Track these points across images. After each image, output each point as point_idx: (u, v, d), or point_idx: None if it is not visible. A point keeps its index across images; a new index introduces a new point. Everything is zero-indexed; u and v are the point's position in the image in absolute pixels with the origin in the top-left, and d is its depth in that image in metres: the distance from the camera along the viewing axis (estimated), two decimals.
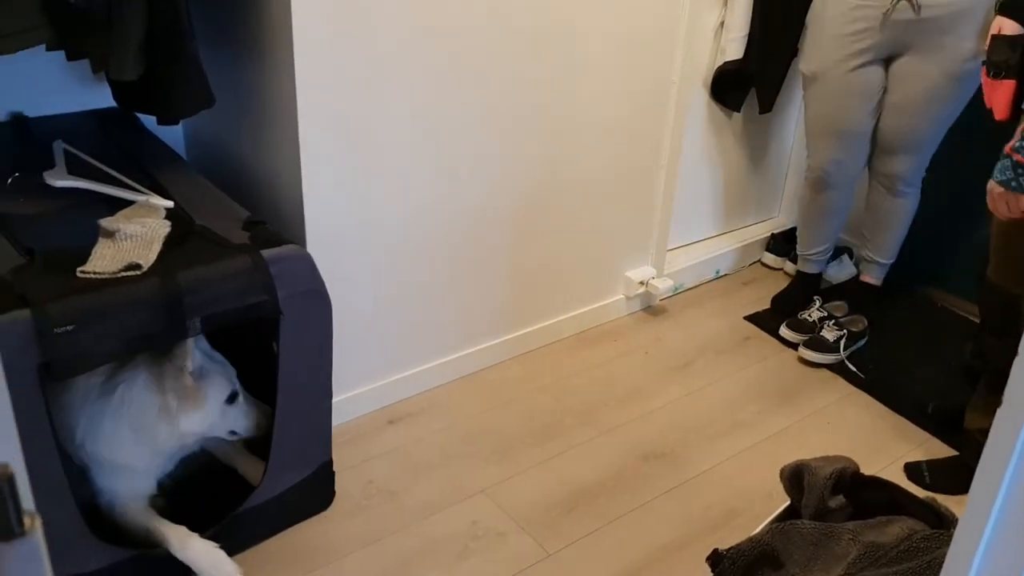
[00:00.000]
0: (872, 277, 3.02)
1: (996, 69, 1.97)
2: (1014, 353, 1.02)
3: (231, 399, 1.86)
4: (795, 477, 1.81)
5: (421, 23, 2.09)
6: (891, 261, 2.96)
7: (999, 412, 1.06)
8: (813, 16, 2.66)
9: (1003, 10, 2.16)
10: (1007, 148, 1.80)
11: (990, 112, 2.11)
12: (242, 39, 2.12)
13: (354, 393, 2.34)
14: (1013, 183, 1.80)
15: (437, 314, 2.47)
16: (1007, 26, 2.18)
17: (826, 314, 2.89)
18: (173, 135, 2.34)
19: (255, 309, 1.77)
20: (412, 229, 2.30)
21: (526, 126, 2.42)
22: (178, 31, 1.83)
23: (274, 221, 2.00)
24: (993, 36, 2.03)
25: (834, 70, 2.63)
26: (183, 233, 1.80)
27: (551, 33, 2.35)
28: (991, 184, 1.84)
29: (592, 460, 2.32)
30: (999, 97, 1.98)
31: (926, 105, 2.56)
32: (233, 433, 1.91)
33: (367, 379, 2.38)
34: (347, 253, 2.18)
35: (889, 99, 2.62)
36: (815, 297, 2.98)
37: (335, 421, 2.09)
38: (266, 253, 1.77)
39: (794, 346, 2.85)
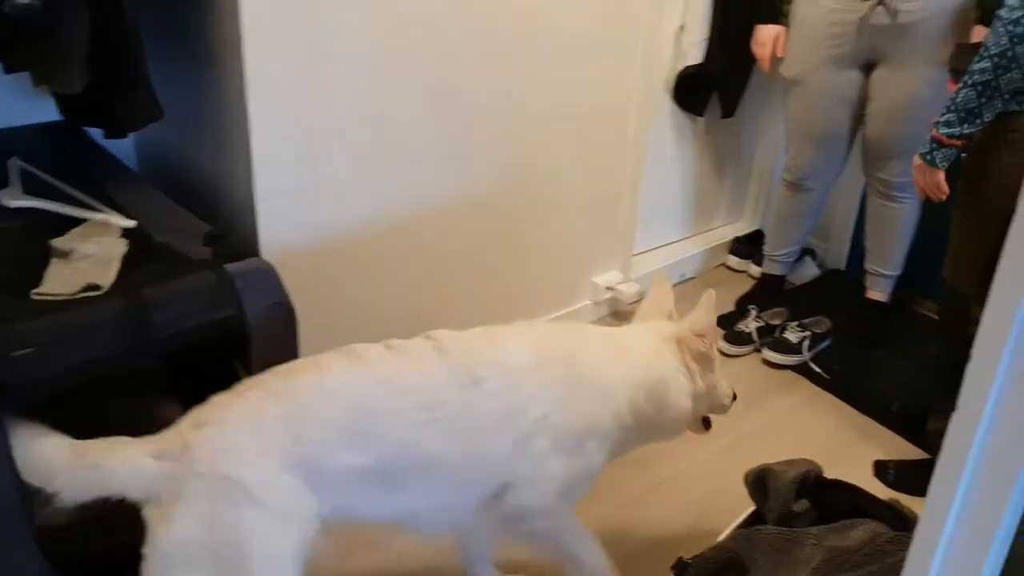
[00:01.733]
0: (879, 292, 2.94)
1: (957, 75, 2.00)
2: (959, 352, 1.03)
3: None
4: (759, 482, 1.81)
5: (375, 31, 2.08)
6: (897, 273, 2.91)
7: (953, 417, 1.06)
8: (793, 21, 2.68)
9: (983, 20, 2.18)
10: (931, 123, 1.88)
11: None
12: (191, 47, 2.09)
13: None
14: (927, 156, 1.92)
15: (398, 325, 2.44)
16: (981, 35, 2.22)
17: (763, 323, 2.90)
18: (123, 147, 2.30)
19: (223, 325, 1.74)
20: (369, 237, 2.28)
21: (488, 130, 2.41)
22: (125, 41, 1.79)
23: (227, 232, 1.97)
24: (958, 45, 2.06)
25: (813, 74, 2.65)
26: (142, 251, 1.77)
27: (511, 38, 2.34)
28: (915, 158, 1.97)
29: None
30: None
31: (911, 111, 2.57)
32: None
33: None
34: (302, 262, 2.15)
35: (873, 107, 2.64)
36: (750, 307, 2.96)
37: None
38: (231, 267, 1.75)
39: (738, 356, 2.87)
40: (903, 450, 2.45)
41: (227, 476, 1.38)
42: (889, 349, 2.90)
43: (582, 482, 1.65)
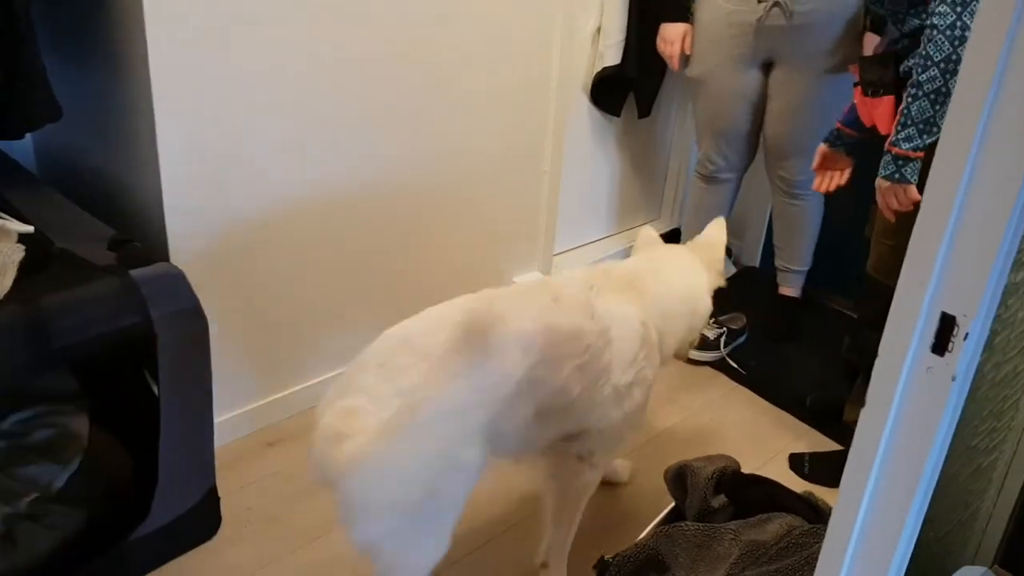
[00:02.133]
0: (790, 288, 3.04)
1: (873, 88, 2.04)
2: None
3: None
4: (678, 478, 1.83)
5: (286, 24, 2.03)
6: (806, 268, 3.00)
7: (863, 412, 1.08)
8: (696, 23, 2.73)
9: (872, 27, 2.24)
10: (887, 145, 1.89)
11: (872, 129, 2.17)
12: (90, 43, 2.01)
13: (230, 415, 2.26)
14: (896, 175, 1.92)
15: (315, 328, 2.41)
16: (872, 42, 2.28)
17: None
18: (21, 149, 2.21)
19: (128, 333, 1.69)
20: (283, 237, 2.23)
21: (405, 129, 2.38)
22: (15, 36, 1.71)
23: (134, 237, 1.91)
24: (861, 58, 2.10)
25: (715, 74, 2.71)
26: (42, 257, 1.71)
27: (426, 34, 2.32)
28: (879, 181, 1.96)
29: (486, 470, 2.29)
30: (881, 113, 2.04)
31: (808, 110, 2.65)
32: None
33: (242, 400, 2.31)
34: (213, 266, 2.10)
35: (772, 106, 2.71)
36: None
37: None
38: (135, 273, 1.70)
39: None
40: (818, 442, 2.50)
41: (441, 450, 1.42)
42: (801, 344, 2.97)
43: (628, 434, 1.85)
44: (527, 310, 1.67)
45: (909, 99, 1.86)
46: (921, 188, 1.94)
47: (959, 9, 1.75)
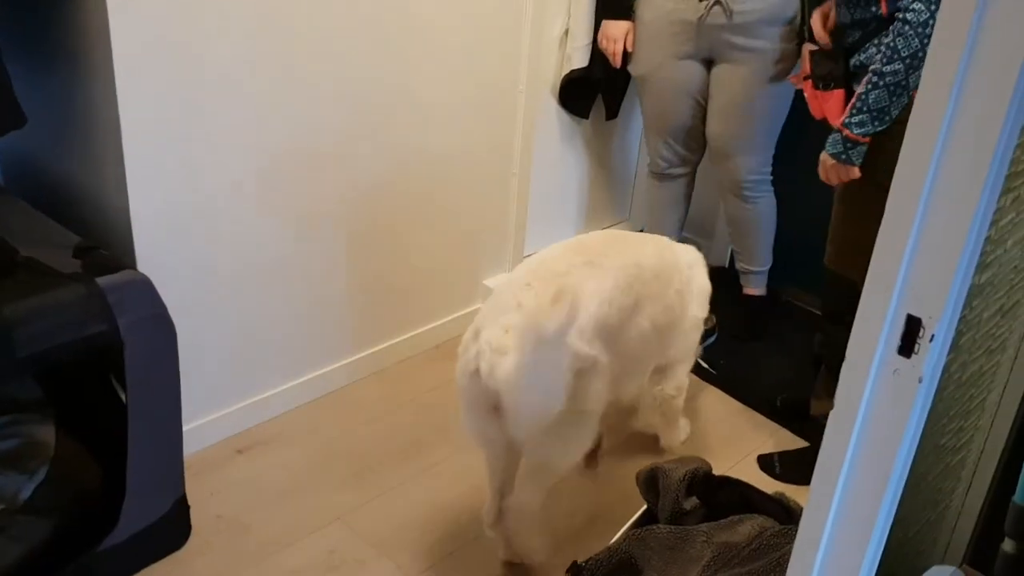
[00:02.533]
0: (754, 288, 3.06)
1: (824, 81, 2.07)
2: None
3: None
4: (651, 481, 1.83)
5: (251, 32, 2.02)
6: (767, 267, 3.01)
7: (832, 414, 1.09)
8: (638, 22, 2.75)
9: (810, 37, 2.28)
10: (837, 123, 1.95)
11: (823, 121, 2.19)
12: (55, 49, 1.98)
13: (199, 423, 2.24)
14: (843, 156, 1.98)
15: (285, 333, 2.39)
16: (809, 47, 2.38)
17: None
18: None
19: (95, 340, 1.67)
20: (252, 242, 2.21)
21: (376, 131, 2.37)
22: None
23: (101, 243, 1.88)
24: (812, 52, 2.12)
25: (658, 72, 2.74)
26: (5, 265, 1.68)
27: (395, 38, 2.31)
28: (823, 156, 2.01)
29: (451, 477, 2.29)
30: (832, 107, 2.08)
31: (748, 108, 2.67)
32: None
33: (211, 407, 2.28)
34: (181, 273, 2.08)
35: (712, 104, 2.73)
36: None
37: None
38: (102, 281, 1.68)
39: None
40: (787, 441, 2.51)
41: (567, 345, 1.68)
42: (770, 342, 2.98)
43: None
44: (647, 247, 2.11)
45: (869, 86, 1.89)
46: (863, 169, 1.99)
47: (933, 7, 1.77)
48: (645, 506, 1.86)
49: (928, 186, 0.95)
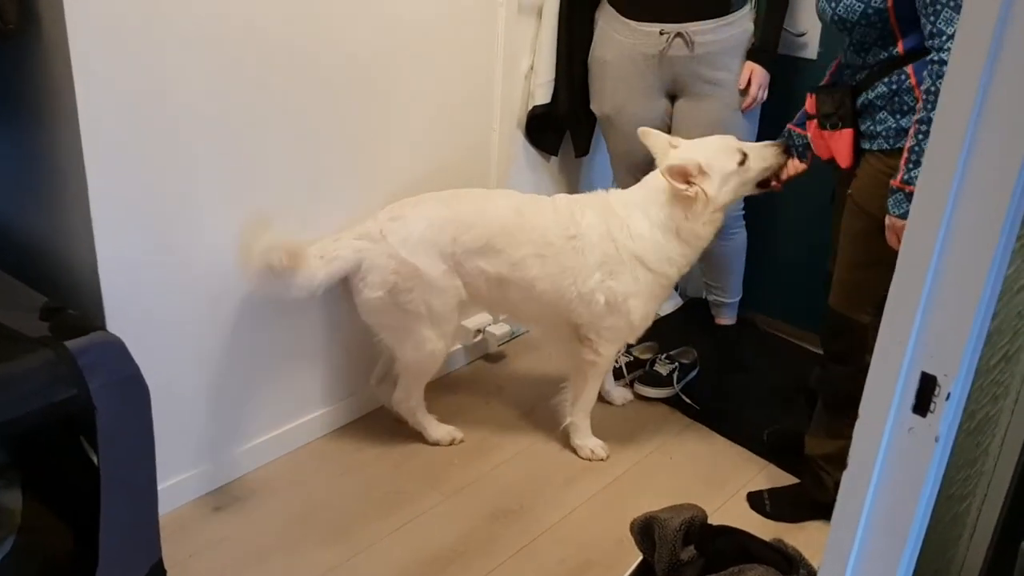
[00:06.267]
0: (725, 318, 3.07)
1: (832, 121, 2.03)
2: (857, 379, 1.02)
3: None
4: (646, 530, 1.78)
5: (218, 77, 1.97)
6: (738, 298, 3.03)
7: (845, 474, 1.05)
8: (593, 61, 2.75)
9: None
10: (895, 182, 1.84)
11: (830, 161, 2.16)
12: (16, 102, 1.92)
13: (173, 481, 2.16)
14: (905, 212, 1.83)
15: (259, 387, 2.32)
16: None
17: (632, 358, 2.92)
18: None
19: (65, 406, 1.60)
20: (223, 296, 2.16)
21: (349, 175, 2.33)
22: None
23: (69, 303, 1.81)
24: (816, 89, 2.08)
25: (624, 109, 2.72)
26: None
27: (369, 72, 2.28)
28: (892, 220, 1.87)
29: (439, 527, 2.23)
30: (841, 146, 2.03)
31: None
32: None
33: (186, 465, 2.21)
34: (152, 329, 2.02)
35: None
36: None
37: None
38: (71, 344, 1.61)
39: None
40: (776, 477, 2.48)
41: (406, 259, 2.21)
42: (750, 374, 2.96)
43: (627, 333, 2.43)
44: (510, 202, 2.37)
45: (920, 136, 1.78)
46: (875, 213, 1.94)
47: None
48: (641, 558, 1.80)
49: (940, 242, 0.92)
